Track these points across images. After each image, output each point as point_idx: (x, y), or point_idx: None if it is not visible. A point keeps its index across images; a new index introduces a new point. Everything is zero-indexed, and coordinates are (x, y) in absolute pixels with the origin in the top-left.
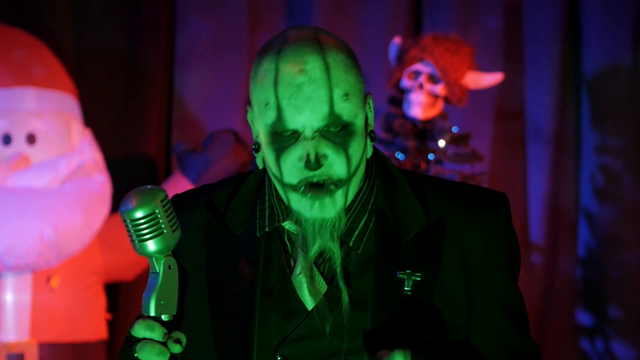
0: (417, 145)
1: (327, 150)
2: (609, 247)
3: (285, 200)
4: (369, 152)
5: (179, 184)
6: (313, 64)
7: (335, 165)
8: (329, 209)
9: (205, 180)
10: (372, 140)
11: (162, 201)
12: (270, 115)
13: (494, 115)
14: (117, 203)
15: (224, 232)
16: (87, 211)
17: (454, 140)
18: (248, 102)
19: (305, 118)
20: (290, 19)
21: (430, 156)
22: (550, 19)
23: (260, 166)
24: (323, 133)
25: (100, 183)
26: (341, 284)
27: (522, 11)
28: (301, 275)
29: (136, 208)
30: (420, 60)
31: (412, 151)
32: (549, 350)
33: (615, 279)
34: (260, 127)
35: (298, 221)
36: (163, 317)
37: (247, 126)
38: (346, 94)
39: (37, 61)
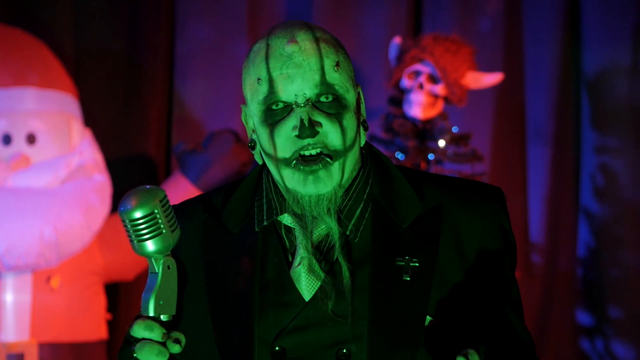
0: (417, 145)
1: (320, 118)
2: (609, 247)
3: (280, 182)
4: (362, 141)
5: (179, 184)
6: (302, 37)
7: (331, 134)
8: (324, 182)
9: (206, 180)
10: (365, 129)
11: (161, 201)
12: (263, 90)
13: (494, 115)
14: (117, 203)
15: (222, 231)
16: (87, 211)
17: (454, 140)
18: (243, 102)
19: (297, 86)
20: (289, 19)
21: (430, 156)
22: (550, 19)
23: (260, 161)
24: (315, 103)
25: (100, 183)
26: (341, 260)
27: (522, 11)
28: (300, 267)
29: (135, 208)
30: (420, 60)
31: (412, 151)
32: (549, 350)
33: (615, 279)
34: (254, 109)
35: (295, 199)
36: (162, 317)
37: None
38: (337, 64)
39: (37, 61)
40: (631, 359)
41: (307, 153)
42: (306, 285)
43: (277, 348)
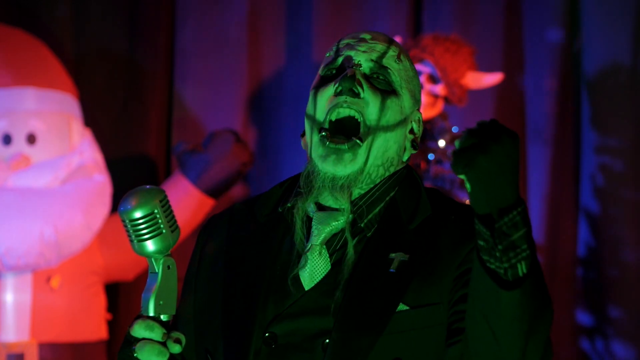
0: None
1: (365, 86)
2: (609, 247)
3: (309, 150)
4: (406, 156)
5: (179, 184)
6: (378, 36)
7: (371, 105)
8: (344, 164)
9: (205, 180)
10: (414, 148)
11: (160, 201)
12: (327, 60)
13: (494, 115)
14: (117, 203)
15: (250, 218)
16: (87, 211)
17: (454, 140)
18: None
19: (355, 53)
20: (290, 20)
21: (430, 156)
22: (550, 19)
23: (305, 148)
24: (366, 75)
25: (100, 183)
26: (348, 239)
27: (522, 11)
28: (308, 254)
29: (135, 208)
30: (420, 60)
31: None
32: None
33: (615, 279)
34: (315, 82)
35: (313, 171)
36: (162, 317)
37: (247, 126)
38: (399, 57)
39: (37, 61)
40: (631, 359)
41: (341, 111)
42: (309, 274)
43: (267, 334)
